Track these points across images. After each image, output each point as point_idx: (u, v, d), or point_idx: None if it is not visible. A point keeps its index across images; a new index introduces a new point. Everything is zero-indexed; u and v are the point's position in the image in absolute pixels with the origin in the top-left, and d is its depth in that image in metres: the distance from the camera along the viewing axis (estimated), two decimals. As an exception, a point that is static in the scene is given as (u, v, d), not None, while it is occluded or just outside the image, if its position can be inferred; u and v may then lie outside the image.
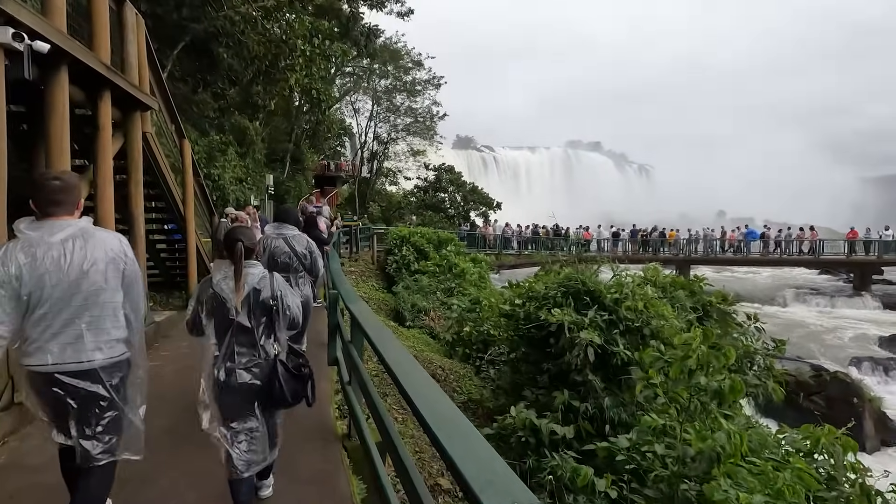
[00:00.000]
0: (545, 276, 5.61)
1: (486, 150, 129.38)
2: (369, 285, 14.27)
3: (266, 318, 2.39)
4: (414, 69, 29.32)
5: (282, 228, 4.28)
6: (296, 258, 4.19)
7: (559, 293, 5.03)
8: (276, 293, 2.40)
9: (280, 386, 2.38)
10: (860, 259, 25.09)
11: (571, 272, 5.32)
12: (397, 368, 1.94)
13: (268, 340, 2.41)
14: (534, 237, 25.19)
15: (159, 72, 6.66)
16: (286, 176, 26.85)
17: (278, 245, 4.16)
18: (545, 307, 4.99)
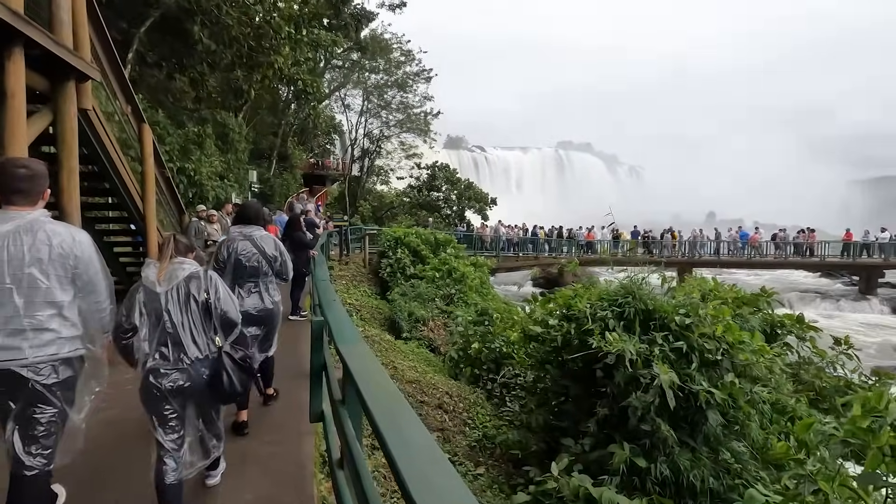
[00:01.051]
0: (585, 291, 4.51)
1: (477, 151, 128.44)
2: (361, 291, 13.12)
3: (199, 314, 2.37)
4: (406, 63, 28.14)
5: (247, 228, 3.75)
6: (265, 261, 3.71)
7: (610, 313, 3.94)
8: (208, 288, 2.40)
9: (229, 377, 2.38)
10: (866, 262, 24.44)
11: (626, 285, 4.23)
12: None
13: (204, 337, 2.38)
14: (533, 238, 24.15)
15: (107, 37, 5.45)
16: (273, 173, 25.58)
17: (244, 248, 3.64)
18: (593, 331, 3.89)
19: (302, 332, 6.43)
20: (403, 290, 12.04)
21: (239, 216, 3.92)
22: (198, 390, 2.33)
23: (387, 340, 8.46)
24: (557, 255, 25.17)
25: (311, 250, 7.13)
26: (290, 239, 6.86)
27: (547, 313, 4.72)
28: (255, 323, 3.58)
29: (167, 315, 2.28)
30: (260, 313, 3.61)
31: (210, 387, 2.36)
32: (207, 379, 2.34)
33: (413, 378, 6.30)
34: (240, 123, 16.61)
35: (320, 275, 4.95)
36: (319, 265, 6.23)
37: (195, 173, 11.73)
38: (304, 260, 6.95)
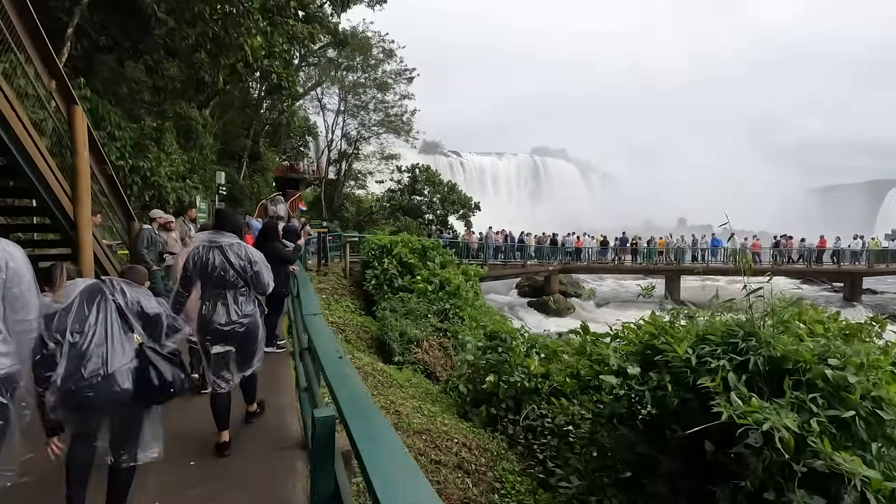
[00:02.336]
0: (669, 326, 3.38)
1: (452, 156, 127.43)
2: (343, 306, 11.76)
3: (113, 321, 2.35)
4: (385, 61, 26.85)
5: (217, 236, 3.49)
6: (233, 271, 3.41)
7: (727, 362, 2.81)
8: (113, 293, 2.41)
9: (157, 370, 2.35)
10: (851, 269, 24.40)
11: (741, 321, 3.12)
12: None
13: (123, 343, 2.34)
14: (520, 245, 23.16)
15: (25, 2, 4.08)
16: (243, 176, 23.90)
17: (211, 258, 3.40)
18: (702, 387, 2.75)
19: (280, 373, 5.11)
20: (392, 306, 10.74)
21: (213, 223, 3.73)
22: (119, 402, 2.28)
23: (381, 371, 7.18)
24: (544, 263, 24.27)
25: (291, 266, 5.82)
26: (266, 251, 5.54)
27: (612, 353, 3.56)
28: (225, 339, 3.32)
29: (75, 330, 2.26)
30: (230, 328, 3.31)
31: (137, 388, 2.32)
32: (131, 386, 2.30)
33: (422, 426, 5.06)
34: (205, 117, 15.04)
35: (308, 305, 3.66)
36: (303, 286, 4.93)
37: (151, 173, 10.20)
38: (284, 278, 5.63)
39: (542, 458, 5.08)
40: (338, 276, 14.35)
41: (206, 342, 3.32)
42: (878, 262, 24.37)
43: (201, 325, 3.34)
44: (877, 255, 24.30)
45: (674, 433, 2.97)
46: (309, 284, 5.04)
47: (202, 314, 3.35)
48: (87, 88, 8.59)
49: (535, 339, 6.88)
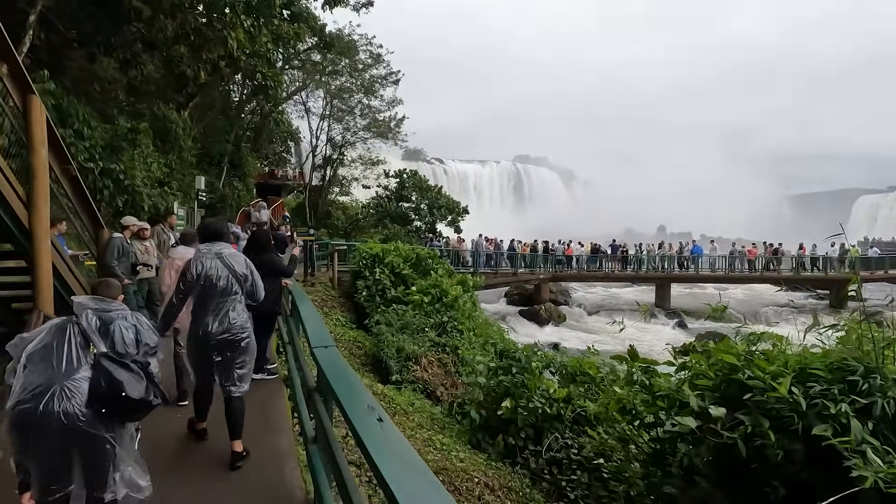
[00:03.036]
0: (760, 362, 2.82)
1: (436, 163, 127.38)
2: (334, 319, 11.04)
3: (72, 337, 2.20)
4: (373, 65, 26.20)
5: (215, 246, 3.39)
6: (235, 281, 3.37)
7: (847, 405, 2.27)
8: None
9: (111, 379, 2.12)
10: (837, 276, 24.58)
11: (858, 354, 2.60)
12: None
13: (72, 359, 2.14)
14: (511, 253, 22.69)
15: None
16: (223, 182, 22.96)
17: (213, 266, 3.30)
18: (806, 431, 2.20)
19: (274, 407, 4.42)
20: (387, 319, 10.07)
21: (202, 234, 3.56)
22: (73, 421, 2.05)
23: (381, 394, 6.52)
24: (535, 271, 23.85)
25: (286, 279, 5.15)
26: (259, 263, 4.86)
27: (679, 384, 3.01)
28: (226, 349, 3.29)
29: (31, 354, 2.14)
30: (231, 337, 3.31)
31: (91, 401, 2.09)
32: (84, 400, 2.09)
33: (437, 464, 4.42)
34: (185, 119, 14.21)
35: (315, 332, 3.01)
36: (301, 302, 4.27)
37: (125, 176, 9.37)
38: (277, 294, 4.96)
39: (573, 499, 4.49)
40: (326, 287, 13.61)
41: (203, 353, 3.28)
42: (862, 269, 24.62)
43: (199, 337, 3.26)
44: (862, 263, 24.55)
45: (775, 490, 2.41)
46: (308, 302, 4.37)
47: (201, 326, 3.25)
48: (51, 82, 7.78)
49: (551, 359, 6.30)
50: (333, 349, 2.62)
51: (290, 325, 4.77)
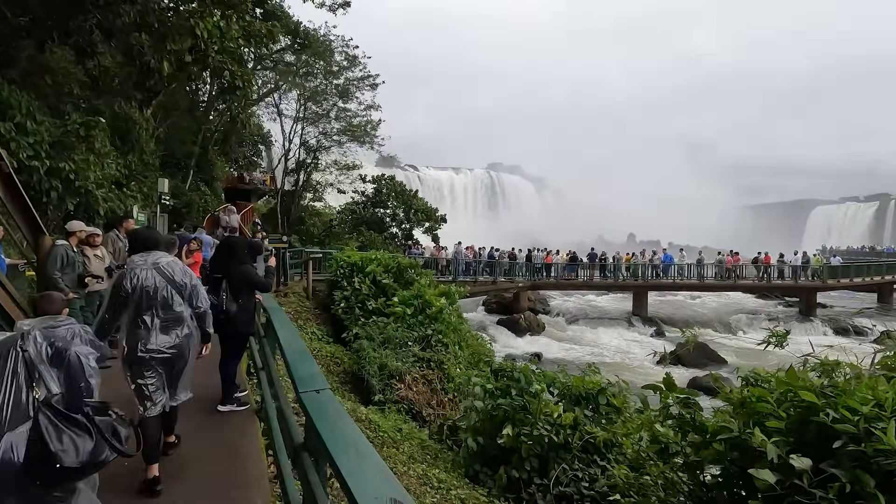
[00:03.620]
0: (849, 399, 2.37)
1: (409, 170, 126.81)
2: (310, 332, 10.30)
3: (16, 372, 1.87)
4: (348, 68, 25.47)
5: (151, 255, 3.22)
6: (174, 290, 3.19)
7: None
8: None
9: (42, 448, 1.70)
10: (807, 284, 25.13)
11: None
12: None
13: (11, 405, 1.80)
14: (490, 261, 22.27)
15: None
16: (189, 186, 21.81)
17: (149, 277, 3.12)
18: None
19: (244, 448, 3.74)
20: (368, 333, 9.42)
21: (135, 243, 3.33)
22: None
23: (366, 420, 5.88)
24: (514, 279, 23.49)
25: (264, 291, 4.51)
26: (232, 276, 4.21)
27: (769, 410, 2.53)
28: (165, 364, 3.14)
29: None
30: (171, 351, 3.13)
31: (26, 462, 1.73)
32: (20, 458, 1.74)
33: None
34: (147, 118, 13.23)
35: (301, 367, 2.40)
36: (280, 324, 3.63)
37: (77, 176, 8.45)
38: (251, 312, 4.31)
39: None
40: (299, 298, 12.83)
41: (143, 371, 3.07)
42: (830, 277, 25.28)
43: (136, 352, 3.05)
44: (830, 272, 25.20)
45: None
46: (289, 324, 3.74)
47: (139, 341, 3.06)
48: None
49: (553, 378, 5.81)
50: (327, 393, 2.03)
51: (265, 348, 4.12)
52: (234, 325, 4.18)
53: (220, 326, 4.19)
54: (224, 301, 4.14)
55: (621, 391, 5.75)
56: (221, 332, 4.23)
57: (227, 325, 4.16)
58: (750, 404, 2.55)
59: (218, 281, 4.21)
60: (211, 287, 4.21)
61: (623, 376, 16.87)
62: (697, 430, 2.79)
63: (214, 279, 4.24)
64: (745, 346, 20.89)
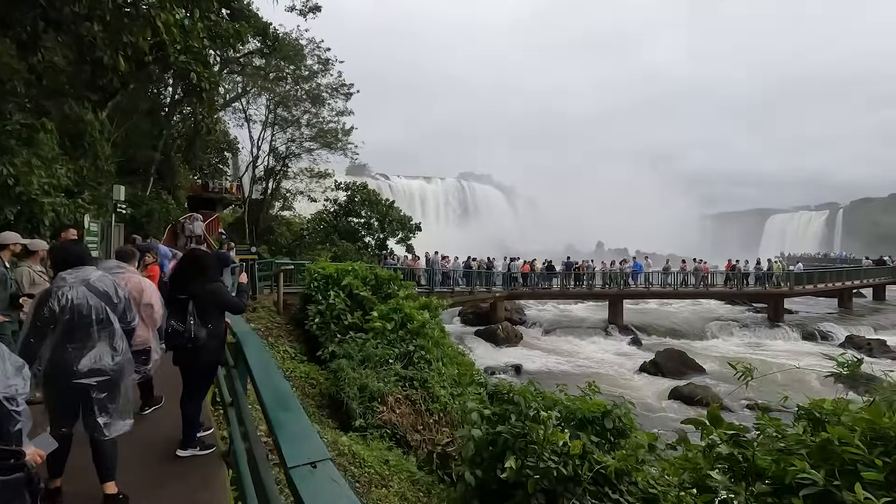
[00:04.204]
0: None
1: (380, 178, 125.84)
2: (282, 350, 9.57)
3: None
4: (320, 73, 24.73)
5: (79, 272, 3.00)
6: (108, 308, 2.96)
7: None
8: None
9: None
10: (775, 291, 25.73)
11: None
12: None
13: None
14: (467, 271, 21.85)
15: None
16: (150, 194, 20.63)
17: (80, 295, 2.91)
18: None
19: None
20: (346, 350, 8.79)
21: (60, 259, 3.07)
22: None
23: (348, 452, 5.28)
24: (491, 289, 23.14)
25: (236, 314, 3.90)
26: (200, 295, 3.60)
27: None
28: (96, 389, 2.87)
29: None
30: (107, 373, 2.89)
31: None
32: None
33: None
34: (102, 121, 12.27)
35: (293, 434, 1.84)
36: (253, 350, 3.04)
37: (17, 182, 7.56)
38: (221, 339, 3.69)
39: None
40: (270, 313, 12.05)
41: (67, 396, 2.84)
42: (797, 284, 25.97)
43: (62, 378, 2.81)
44: (796, 278, 25.89)
45: None
46: (262, 347, 3.15)
47: (65, 364, 2.81)
48: None
49: (556, 401, 5.36)
50: (328, 468, 1.49)
51: (235, 381, 3.51)
52: (202, 355, 3.56)
53: (185, 357, 3.57)
54: (191, 326, 3.51)
55: (626, 412, 5.36)
56: (186, 363, 3.61)
57: (194, 356, 3.54)
58: (830, 449, 2.14)
59: (183, 302, 3.58)
60: (175, 310, 3.59)
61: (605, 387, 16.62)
62: (756, 475, 2.37)
63: (179, 300, 3.61)
64: (721, 353, 21.12)
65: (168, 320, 3.57)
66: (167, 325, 3.55)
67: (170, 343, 3.57)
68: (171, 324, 3.53)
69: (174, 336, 3.51)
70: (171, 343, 3.56)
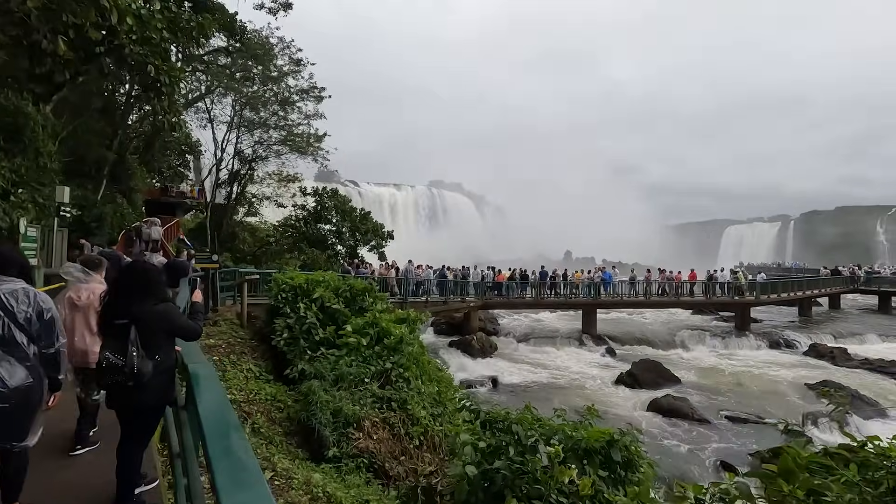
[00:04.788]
0: None
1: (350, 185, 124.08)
2: (244, 369, 8.70)
3: None
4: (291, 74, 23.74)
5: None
6: (14, 326, 2.58)
7: None
8: None
9: None
10: (743, 300, 26.22)
11: None
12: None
13: None
14: (442, 280, 21.26)
15: None
16: (102, 197, 19.22)
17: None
18: None
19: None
20: (317, 369, 8.04)
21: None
22: None
23: (326, 497, 4.58)
24: (465, 299, 22.62)
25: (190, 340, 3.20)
26: (144, 320, 2.88)
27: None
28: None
29: None
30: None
31: None
32: None
33: None
34: (46, 116, 11.14)
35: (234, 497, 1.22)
36: (208, 396, 2.37)
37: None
38: (169, 374, 2.99)
39: None
40: (232, 326, 11.10)
41: None
42: (762, 293, 26.56)
43: None
44: (762, 288, 26.48)
45: None
46: (218, 385, 2.49)
47: None
48: None
49: (557, 429, 4.83)
50: None
51: (183, 428, 2.81)
52: (147, 396, 2.84)
53: (124, 397, 2.85)
54: (133, 359, 2.79)
55: (634, 441, 4.88)
56: (126, 405, 2.89)
57: (136, 396, 2.82)
58: None
59: (122, 329, 2.86)
60: (111, 338, 2.86)
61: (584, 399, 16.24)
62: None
63: (117, 326, 2.88)
64: (694, 362, 21.23)
65: (102, 352, 2.84)
66: (100, 358, 2.83)
67: (104, 380, 2.84)
68: (107, 356, 2.80)
69: (110, 372, 2.79)
70: (107, 380, 2.83)
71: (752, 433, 13.02)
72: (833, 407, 14.72)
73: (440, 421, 8.23)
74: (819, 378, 18.07)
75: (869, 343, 24.92)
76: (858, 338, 25.47)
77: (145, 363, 2.80)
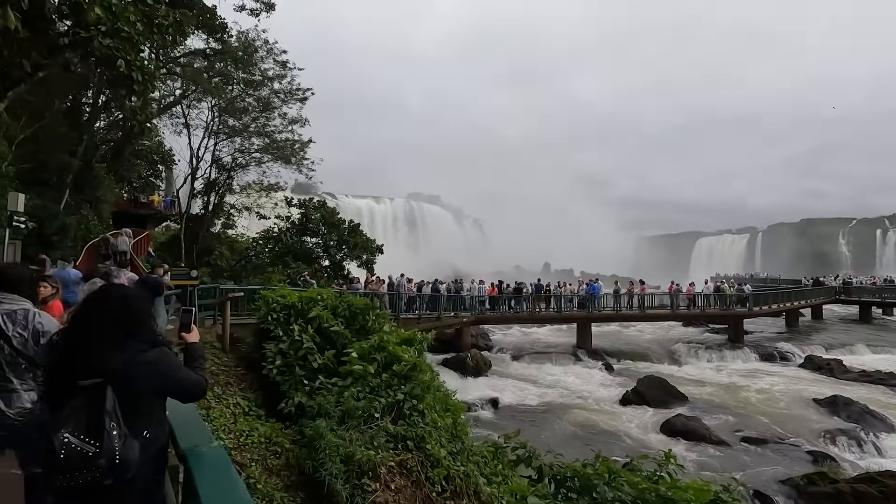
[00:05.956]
0: None
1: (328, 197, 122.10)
2: (231, 404, 7.46)
3: None
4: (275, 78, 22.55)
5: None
6: (7, 347, 2.48)
7: None
8: None
9: None
10: (736, 312, 25.96)
11: None
12: None
13: None
14: (435, 295, 20.20)
15: None
16: (65, 206, 17.63)
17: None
18: None
19: None
20: (319, 403, 6.89)
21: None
22: None
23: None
24: (458, 314, 21.62)
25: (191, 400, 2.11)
26: (124, 379, 1.77)
27: None
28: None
29: None
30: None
31: None
32: None
33: None
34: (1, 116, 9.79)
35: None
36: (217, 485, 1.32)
37: None
38: (164, 448, 1.88)
39: None
40: (213, 351, 9.78)
41: None
42: (754, 305, 26.38)
43: None
44: (754, 299, 26.30)
45: None
46: None
47: None
48: None
49: (643, 487, 3.86)
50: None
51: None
52: (133, 497, 1.76)
53: (95, 492, 1.74)
54: (114, 441, 1.68)
55: (735, 500, 3.96)
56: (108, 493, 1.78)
57: (118, 498, 1.73)
58: None
59: (91, 394, 1.76)
60: (73, 410, 1.74)
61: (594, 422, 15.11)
62: None
63: (83, 391, 1.78)
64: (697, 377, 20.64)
65: (58, 433, 1.73)
66: (57, 445, 1.71)
67: (65, 479, 1.72)
68: (64, 439, 1.69)
69: (76, 464, 1.68)
70: (69, 480, 1.71)
71: (775, 456, 12.33)
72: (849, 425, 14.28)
73: (460, 460, 7.19)
74: (822, 392, 17.65)
75: (859, 354, 24.89)
76: (848, 348, 25.44)
77: (129, 446, 1.71)
